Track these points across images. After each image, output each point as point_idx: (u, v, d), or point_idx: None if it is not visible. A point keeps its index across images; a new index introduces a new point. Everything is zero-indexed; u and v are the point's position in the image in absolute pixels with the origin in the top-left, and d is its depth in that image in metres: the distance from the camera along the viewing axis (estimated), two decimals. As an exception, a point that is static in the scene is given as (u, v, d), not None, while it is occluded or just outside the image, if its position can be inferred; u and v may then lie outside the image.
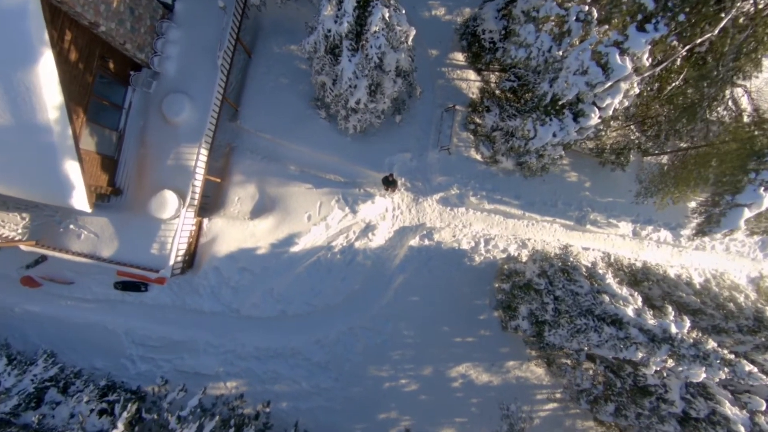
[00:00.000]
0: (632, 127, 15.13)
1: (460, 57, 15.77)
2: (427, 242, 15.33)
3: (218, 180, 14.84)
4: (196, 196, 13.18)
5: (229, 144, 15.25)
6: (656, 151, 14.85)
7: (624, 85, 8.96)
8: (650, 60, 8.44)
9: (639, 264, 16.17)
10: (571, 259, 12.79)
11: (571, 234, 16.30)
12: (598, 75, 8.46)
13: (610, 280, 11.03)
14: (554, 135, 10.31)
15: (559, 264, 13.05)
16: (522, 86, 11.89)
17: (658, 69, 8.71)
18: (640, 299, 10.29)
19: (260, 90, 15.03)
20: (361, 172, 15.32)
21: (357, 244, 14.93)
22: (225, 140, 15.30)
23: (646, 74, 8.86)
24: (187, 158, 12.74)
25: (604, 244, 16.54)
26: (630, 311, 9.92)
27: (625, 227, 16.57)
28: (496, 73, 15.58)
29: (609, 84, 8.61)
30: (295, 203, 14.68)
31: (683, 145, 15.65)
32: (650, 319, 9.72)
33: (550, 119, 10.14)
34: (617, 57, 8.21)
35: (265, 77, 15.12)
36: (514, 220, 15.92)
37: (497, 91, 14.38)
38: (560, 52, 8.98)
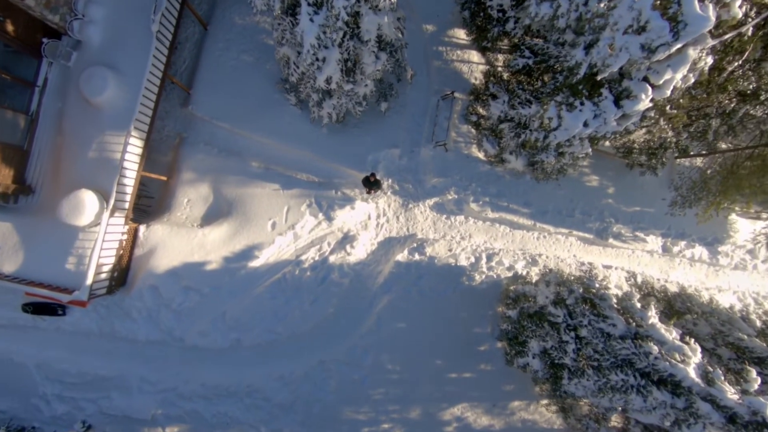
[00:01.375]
0: (662, 122, 12.22)
1: (461, 34, 12.89)
2: (417, 257, 12.46)
3: (164, 178, 11.97)
4: (127, 198, 10.30)
5: (180, 134, 12.37)
6: (703, 152, 11.96)
7: (692, 53, 6.12)
8: (743, 10, 5.63)
9: (673, 287, 13.30)
10: (597, 285, 9.91)
11: (590, 249, 13.42)
12: (662, 33, 5.65)
13: (654, 319, 8.18)
14: (585, 125, 7.48)
15: (581, 290, 10.18)
16: (540, 64, 9.03)
17: (746, 27, 5.88)
18: (699, 352, 7.42)
19: (218, 69, 12.16)
20: (339, 170, 12.45)
21: (332, 259, 12.05)
22: (174, 130, 12.43)
23: (727, 36, 6.02)
24: (113, 150, 9.87)
25: (629, 261, 13.66)
26: (691, 371, 7.07)
27: (654, 242, 13.68)
28: (505, 54, 12.69)
29: (676, 47, 5.79)
30: (256, 207, 11.81)
31: (725, 146, 12.78)
32: (729, 392, 6.87)
33: (581, 103, 7.31)
34: (695, 3, 5.40)
35: (224, 54, 12.24)
36: (522, 232, 13.04)
37: (505, 74, 11.49)
38: (603, 3, 6.17)
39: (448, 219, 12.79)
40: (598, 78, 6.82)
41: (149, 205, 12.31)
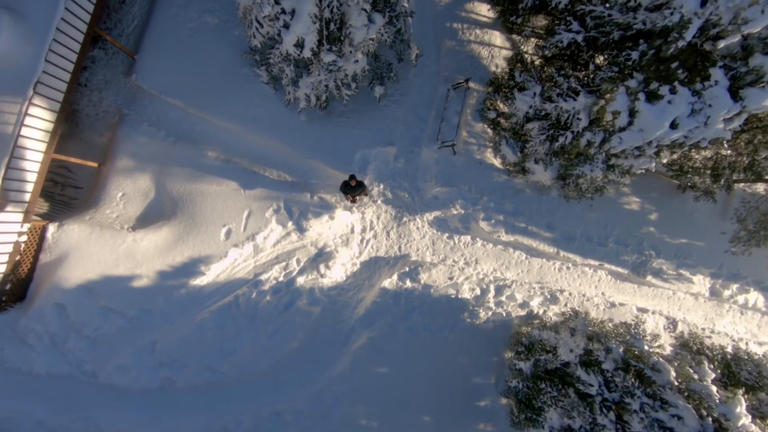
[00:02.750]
0: (725, 143, 9.33)
1: (482, 9, 10.20)
2: (409, 284, 9.76)
3: (95, 165, 9.28)
4: (27, 187, 7.61)
5: (120, 110, 9.67)
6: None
7: None
8: None
9: (719, 339, 10.59)
10: (646, 348, 7.20)
11: (622, 286, 10.70)
12: None
13: (746, 418, 5.51)
14: (673, 125, 4.80)
15: (621, 350, 7.48)
16: (594, 41, 6.33)
17: None
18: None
19: (172, 32, 9.49)
20: (318, 169, 9.77)
21: (301, 280, 9.36)
22: (115, 104, 9.73)
23: None
24: (4, 122, 7.18)
25: (668, 304, 10.93)
26: None
27: (701, 283, 10.95)
28: (536, 39, 9.99)
29: None
30: (209, 209, 9.12)
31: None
32: None
33: (672, 90, 4.64)
34: None
35: (181, 13, 9.57)
36: (541, 261, 10.33)
37: (537, 61, 8.79)
38: None
39: (451, 239, 10.09)
40: (707, 50, 4.16)
41: (76, 197, 9.62)
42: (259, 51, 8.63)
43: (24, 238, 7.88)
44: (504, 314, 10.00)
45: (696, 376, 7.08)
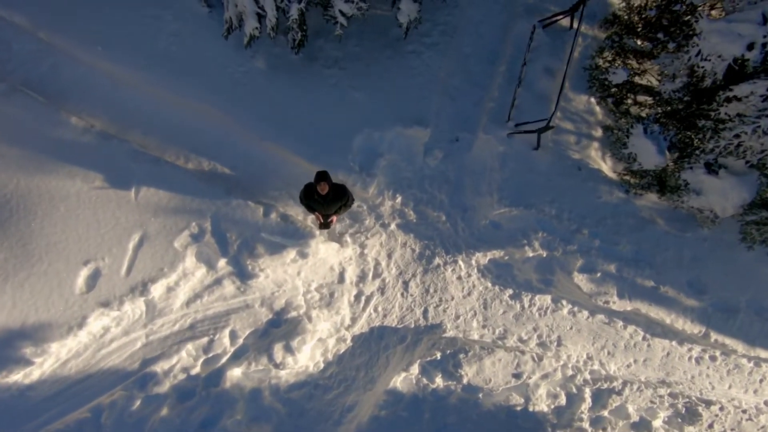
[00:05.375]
0: None
1: None
2: (441, 381, 5.19)
3: None
4: None
5: None
6: None
7: None
8: None
9: None
10: None
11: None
12: None
13: None
14: None
15: None
16: None
17: None
18: None
19: None
20: (282, 162, 5.16)
21: (237, 373, 4.75)
22: None
23: None
24: None
25: None
26: None
27: None
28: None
29: None
30: (57, 229, 4.51)
31: None
32: None
33: None
34: None
35: None
36: (669, 344, 5.74)
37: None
38: None
39: (518, 300, 5.51)
40: None
41: None
42: None
43: None
44: (605, 440, 5.40)
45: None
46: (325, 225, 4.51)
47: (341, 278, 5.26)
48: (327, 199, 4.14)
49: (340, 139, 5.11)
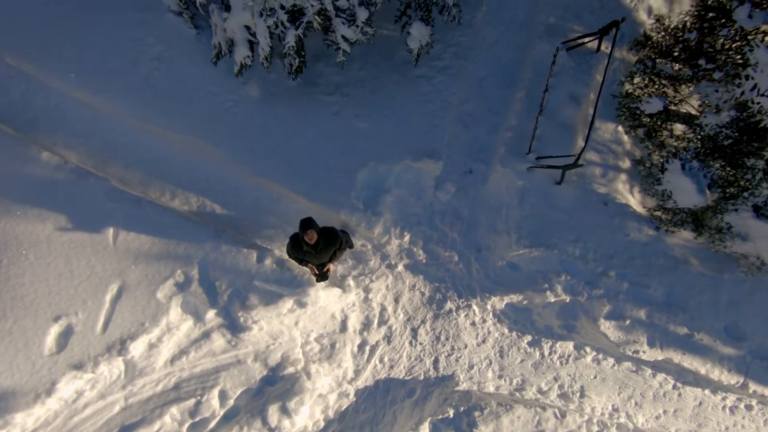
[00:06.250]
0: None
1: None
2: (452, 440, 4.62)
3: None
4: None
5: None
6: None
7: None
8: None
9: None
10: None
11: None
12: None
13: None
14: None
15: None
16: None
17: None
18: None
19: None
20: (278, 200, 4.61)
21: (226, 438, 4.19)
22: None
23: None
24: None
25: None
26: None
27: None
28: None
29: None
30: (23, 279, 3.96)
31: None
32: None
33: None
34: None
35: None
36: (701, 393, 5.21)
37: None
38: None
39: (537, 347, 4.98)
40: None
41: None
42: None
43: None
44: (634, 503, 4.90)
45: None
46: (322, 276, 3.98)
47: (343, 327, 4.74)
48: (318, 248, 3.63)
49: (343, 174, 4.58)
